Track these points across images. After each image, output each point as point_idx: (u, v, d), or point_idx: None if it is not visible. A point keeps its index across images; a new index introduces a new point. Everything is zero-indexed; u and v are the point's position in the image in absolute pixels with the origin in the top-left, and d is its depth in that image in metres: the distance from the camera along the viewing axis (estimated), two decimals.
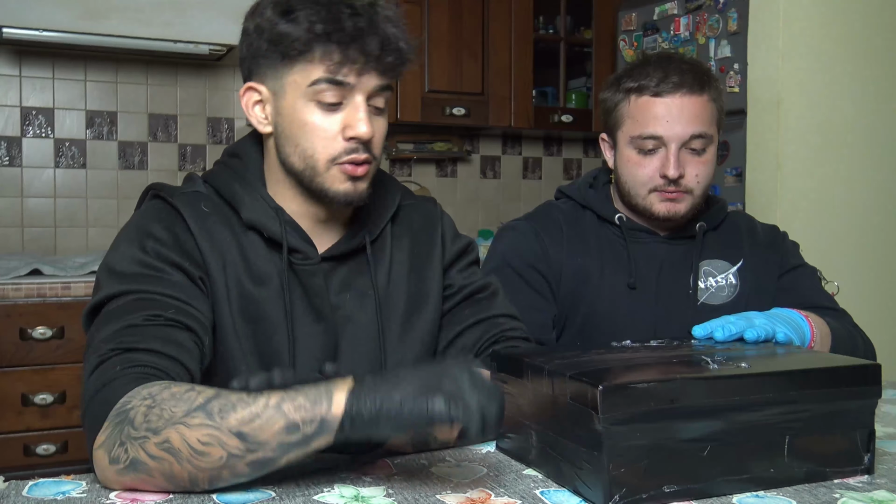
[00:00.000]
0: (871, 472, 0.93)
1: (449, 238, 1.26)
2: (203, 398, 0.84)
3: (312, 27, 1.02)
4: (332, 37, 1.03)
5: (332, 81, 1.04)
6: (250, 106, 1.11)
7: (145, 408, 0.85)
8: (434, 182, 3.41)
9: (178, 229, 1.09)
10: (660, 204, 1.45)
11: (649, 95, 1.42)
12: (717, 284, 1.50)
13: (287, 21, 1.04)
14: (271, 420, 0.81)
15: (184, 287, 1.04)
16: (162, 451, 0.83)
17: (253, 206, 1.12)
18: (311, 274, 1.13)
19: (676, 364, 0.94)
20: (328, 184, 1.09)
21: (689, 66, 1.44)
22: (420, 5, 2.98)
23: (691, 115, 1.41)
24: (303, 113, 1.07)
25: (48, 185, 2.79)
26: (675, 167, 1.41)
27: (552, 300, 1.49)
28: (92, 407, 0.90)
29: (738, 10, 2.51)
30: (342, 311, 1.15)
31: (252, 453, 0.82)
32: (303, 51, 1.04)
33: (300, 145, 1.08)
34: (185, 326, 1.01)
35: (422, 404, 0.78)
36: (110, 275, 1.05)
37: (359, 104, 1.06)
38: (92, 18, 2.44)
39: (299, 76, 1.06)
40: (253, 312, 1.10)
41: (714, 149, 1.46)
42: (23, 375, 2.20)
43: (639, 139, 1.43)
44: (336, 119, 1.07)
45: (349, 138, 1.07)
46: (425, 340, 1.20)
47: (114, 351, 0.94)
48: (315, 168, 1.08)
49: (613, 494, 0.82)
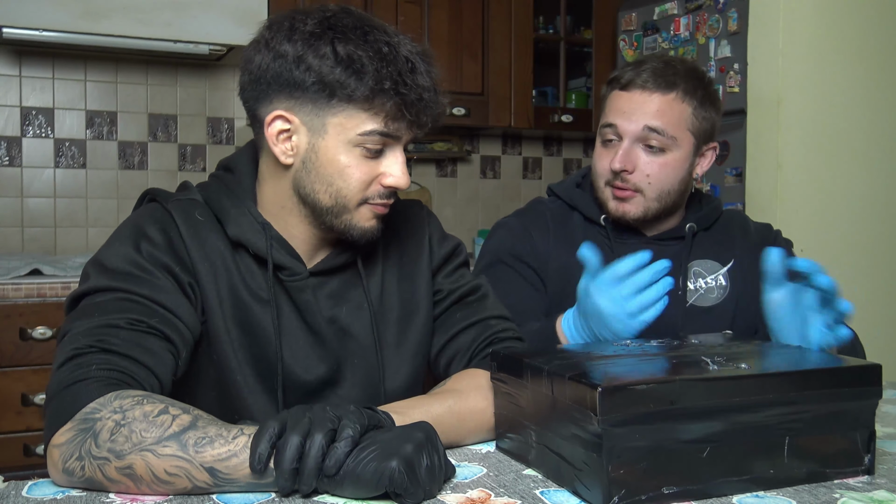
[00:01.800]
0: (871, 473, 0.93)
1: (436, 242, 1.25)
2: (178, 426, 0.84)
3: (381, 82, 1.01)
4: (397, 95, 1.02)
5: (385, 135, 1.05)
6: (275, 135, 1.07)
7: (113, 423, 0.84)
8: (434, 182, 3.40)
9: (173, 234, 1.08)
10: (612, 201, 1.46)
11: (618, 88, 1.45)
12: (707, 286, 1.49)
13: (350, 67, 1.01)
14: (245, 462, 0.82)
15: (171, 294, 1.03)
16: (122, 475, 0.83)
17: (239, 220, 1.11)
18: (299, 290, 1.12)
19: (676, 365, 0.94)
20: (356, 221, 1.09)
21: (665, 66, 1.43)
22: (420, 5, 2.98)
23: (649, 109, 1.41)
24: (345, 156, 1.05)
25: (48, 185, 2.79)
26: (620, 159, 1.41)
27: (545, 293, 1.49)
28: (59, 399, 0.89)
29: (738, 10, 2.51)
30: (337, 324, 1.15)
31: (219, 487, 0.84)
32: (362, 102, 1.02)
33: (334, 185, 1.07)
34: (164, 336, 1.00)
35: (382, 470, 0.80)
36: (100, 269, 1.04)
37: (398, 154, 1.07)
38: (92, 18, 2.44)
39: (348, 121, 1.04)
40: (247, 321, 1.10)
41: (681, 154, 1.43)
42: (23, 375, 2.20)
43: (602, 128, 1.46)
44: (376, 165, 1.07)
45: (387, 186, 1.08)
46: (419, 347, 1.20)
47: (91, 348, 0.93)
48: (346, 206, 1.08)
49: (613, 495, 0.82)
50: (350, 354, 1.16)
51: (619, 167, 1.41)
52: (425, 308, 1.21)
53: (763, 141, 2.44)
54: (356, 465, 0.80)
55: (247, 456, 0.82)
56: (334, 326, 1.14)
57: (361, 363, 1.16)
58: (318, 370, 1.13)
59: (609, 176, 1.44)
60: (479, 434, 1.06)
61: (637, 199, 1.43)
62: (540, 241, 1.50)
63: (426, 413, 0.99)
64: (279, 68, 1.04)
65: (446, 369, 1.21)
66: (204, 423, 0.85)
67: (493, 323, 1.22)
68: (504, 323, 1.23)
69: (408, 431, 0.85)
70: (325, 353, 1.14)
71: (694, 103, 1.43)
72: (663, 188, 1.43)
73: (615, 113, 1.43)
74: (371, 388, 1.16)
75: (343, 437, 0.81)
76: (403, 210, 1.26)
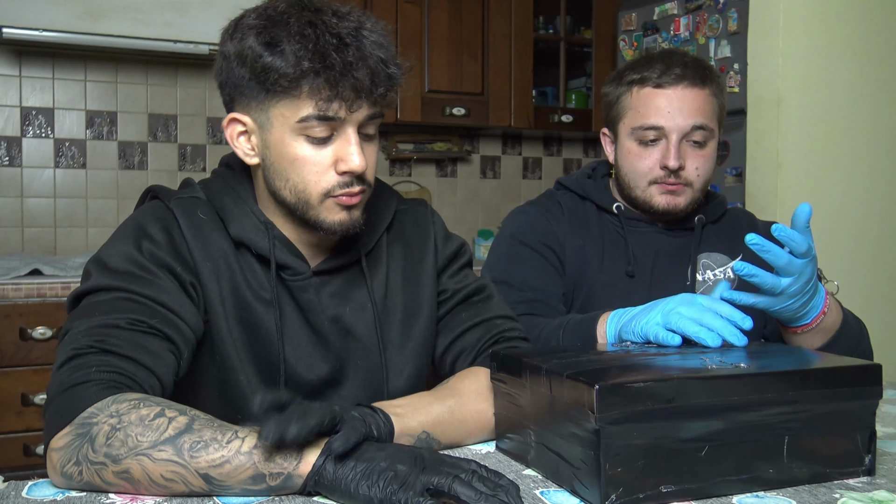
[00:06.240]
0: (871, 473, 0.93)
1: (441, 242, 1.24)
2: (173, 430, 0.83)
3: (300, 63, 0.97)
4: (321, 73, 0.98)
5: (323, 118, 1.01)
6: (235, 137, 1.07)
7: (109, 427, 0.84)
8: (434, 182, 3.40)
9: (175, 232, 1.07)
10: (659, 196, 1.45)
11: (651, 87, 1.44)
12: (716, 278, 1.51)
13: (272, 54, 0.98)
14: (240, 468, 0.82)
15: (173, 293, 1.03)
16: (119, 479, 0.83)
17: (241, 220, 1.10)
18: (302, 289, 1.11)
19: (675, 364, 0.94)
20: (322, 216, 1.06)
21: (691, 60, 1.46)
22: (420, 5, 2.98)
23: (693, 107, 1.42)
24: (292, 147, 1.03)
25: (48, 185, 2.79)
26: (675, 158, 1.41)
27: (563, 275, 1.50)
28: (59, 401, 0.89)
29: (738, 10, 2.51)
30: (341, 324, 1.14)
31: (214, 492, 0.84)
32: (289, 87, 0.99)
33: (291, 179, 1.05)
34: (166, 337, 0.99)
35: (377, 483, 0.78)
36: (101, 267, 1.03)
37: (350, 136, 1.03)
38: (92, 18, 2.44)
39: (287, 110, 1.01)
40: (250, 320, 1.09)
41: (714, 144, 1.47)
42: (23, 375, 2.20)
43: (640, 130, 1.44)
44: (327, 152, 1.03)
45: (342, 172, 1.04)
46: (423, 348, 1.20)
47: (91, 348, 0.93)
48: (308, 202, 1.05)
49: (610, 494, 0.82)
50: (353, 355, 1.15)
51: (677, 165, 1.42)
52: (429, 308, 1.20)
53: (763, 141, 2.43)
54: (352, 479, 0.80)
55: (240, 462, 0.81)
56: (337, 326, 1.14)
57: (364, 364, 1.15)
58: (320, 370, 1.13)
59: (657, 174, 1.44)
60: (479, 435, 1.06)
61: (687, 192, 1.45)
62: (557, 226, 1.51)
63: (427, 415, 0.98)
64: (226, 70, 1.05)
65: (451, 368, 1.21)
66: (200, 424, 0.84)
67: (499, 322, 1.21)
68: (509, 322, 1.22)
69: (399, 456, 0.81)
70: (328, 353, 1.13)
71: (718, 93, 1.46)
72: (707, 178, 1.47)
73: (657, 113, 1.43)
74: (373, 389, 1.16)
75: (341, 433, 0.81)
76: (410, 210, 1.25)
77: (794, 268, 1.16)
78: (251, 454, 0.82)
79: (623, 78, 1.48)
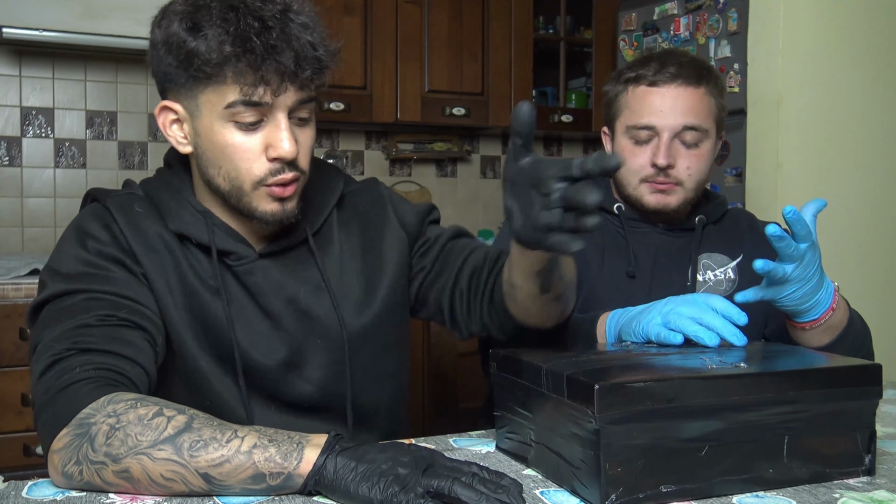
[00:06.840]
0: (871, 473, 0.93)
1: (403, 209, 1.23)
2: (172, 429, 0.83)
3: (222, 47, 0.96)
4: (243, 57, 0.97)
5: (249, 103, 0.99)
6: (167, 125, 1.07)
7: (108, 427, 0.84)
8: (434, 182, 3.40)
9: (114, 228, 1.07)
10: (650, 195, 1.46)
11: (646, 85, 1.44)
12: (716, 278, 1.51)
13: (195, 39, 0.97)
14: (240, 467, 0.82)
15: (130, 284, 1.03)
16: (120, 479, 0.83)
17: (179, 213, 1.10)
18: (248, 273, 1.11)
19: (675, 363, 0.94)
20: (255, 204, 1.05)
21: (688, 60, 1.46)
22: (420, 5, 2.98)
23: (686, 106, 1.42)
24: (221, 134, 1.02)
25: (48, 185, 2.79)
26: (664, 156, 1.42)
27: None
28: (52, 405, 0.88)
29: (738, 10, 2.51)
30: (296, 304, 1.13)
31: (214, 492, 0.84)
32: (213, 73, 0.98)
33: (223, 167, 1.04)
34: (138, 326, 0.99)
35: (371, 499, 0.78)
36: (55, 275, 1.03)
37: (279, 121, 1.01)
38: (92, 18, 2.44)
39: (213, 96, 1.00)
40: (199, 309, 1.08)
41: (710, 144, 1.47)
42: (23, 375, 2.20)
43: (634, 129, 1.45)
44: (257, 138, 1.02)
45: (273, 158, 1.03)
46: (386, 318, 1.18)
47: (69, 351, 0.92)
48: (241, 189, 1.05)
49: (610, 494, 0.82)
50: (311, 334, 1.14)
51: (666, 163, 1.42)
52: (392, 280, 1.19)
53: (763, 141, 2.43)
54: (353, 479, 0.80)
55: (240, 461, 0.82)
56: (293, 307, 1.13)
57: (325, 342, 1.14)
58: (277, 354, 1.11)
59: (648, 172, 1.45)
60: None
61: (678, 192, 1.45)
62: None
63: None
64: (156, 58, 1.04)
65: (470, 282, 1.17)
66: (199, 423, 0.84)
67: (492, 250, 1.20)
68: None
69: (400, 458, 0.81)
70: (284, 335, 1.12)
71: (716, 94, 1.46)
72: (700, 179, 1.47)
73: (650, 112, 1.43)
74: (336, 367, 1.14)
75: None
76: (362, 190, 1.24)
77: (797, 253, 1.17)
78: (251, 453, 0.82)
79: (621, 77, 1.49)
